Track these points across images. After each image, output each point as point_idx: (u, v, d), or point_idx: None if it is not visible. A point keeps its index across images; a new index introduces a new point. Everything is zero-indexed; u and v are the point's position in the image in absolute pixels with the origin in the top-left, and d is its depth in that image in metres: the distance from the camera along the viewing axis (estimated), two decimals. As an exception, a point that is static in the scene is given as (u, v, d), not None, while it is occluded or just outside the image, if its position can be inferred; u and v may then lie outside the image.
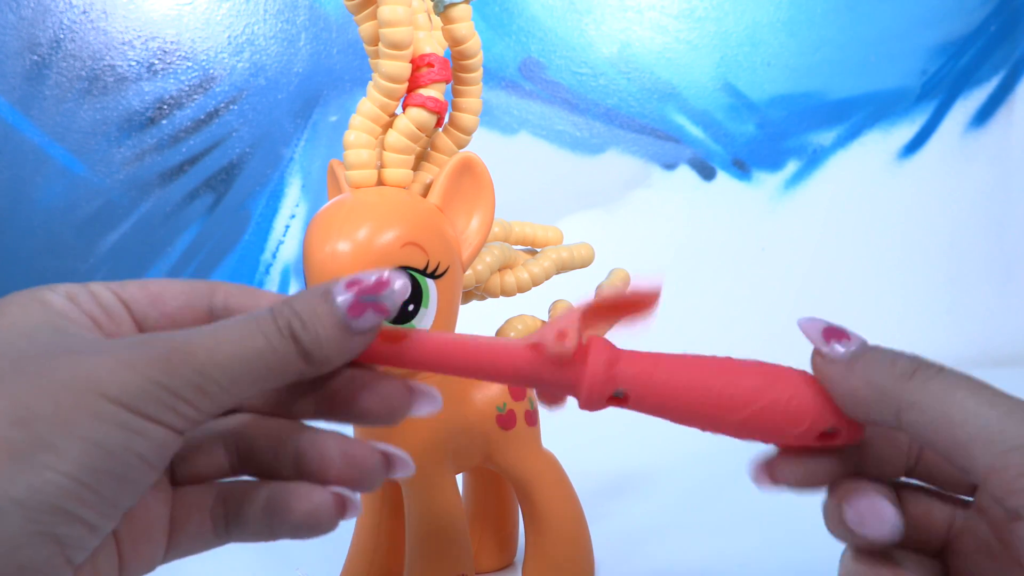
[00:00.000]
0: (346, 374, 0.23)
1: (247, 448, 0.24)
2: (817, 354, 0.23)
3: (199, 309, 0.24)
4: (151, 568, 0.22)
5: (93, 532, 0.19)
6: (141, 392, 0.19)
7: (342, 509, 0.23)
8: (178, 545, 0.23)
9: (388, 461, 0.23)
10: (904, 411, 0.22)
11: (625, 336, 0.25)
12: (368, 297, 0.21)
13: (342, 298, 0.21)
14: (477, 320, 0.51)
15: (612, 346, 0.24)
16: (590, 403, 0.24)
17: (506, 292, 0.43)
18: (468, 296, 0.42)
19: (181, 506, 0.23)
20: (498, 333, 0.44)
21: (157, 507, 0.23)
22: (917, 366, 0.22)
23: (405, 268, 0.34)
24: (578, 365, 0.23)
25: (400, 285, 0.22)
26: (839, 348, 0.23)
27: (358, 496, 0.23)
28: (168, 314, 0.23)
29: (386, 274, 0.22)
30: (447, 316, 0.36)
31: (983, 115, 1.12)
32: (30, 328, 0.20)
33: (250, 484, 0.24)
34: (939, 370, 0.22)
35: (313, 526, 0.22)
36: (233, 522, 0.23)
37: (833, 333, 0.23)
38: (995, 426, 0.20)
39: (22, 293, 0.22)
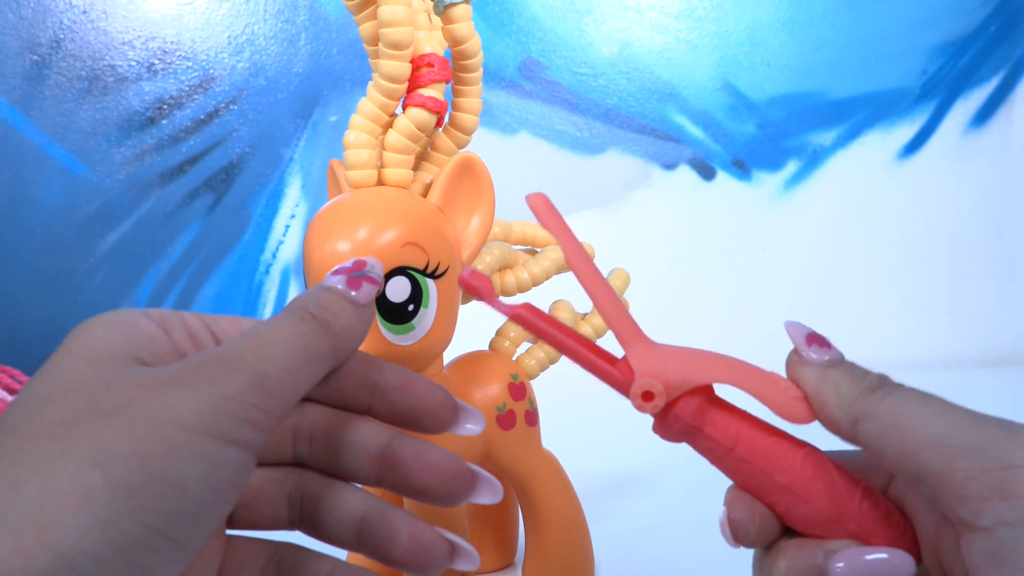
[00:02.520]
0: (396, 376, 0.24)
1: (311, 507, 0.23)
2: (796, 354, 0.24)
3: None
4: None
5: None
6: (211, 410, 0.19)
7: None
8: None
9: (453, 551, 0.23)
10: (860, 421, 0.22)
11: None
12: (355, 274, 0.24)
13: (339, 283, 0.24)
14: (477, 320, 0.51)
15: (700, 408, 0.24)
16: (661, 433, 0.25)
17: (506, 292, 0.43)
18: (468, 296, 0.42)
19: (233, 559, 0.23)
20: (498, 333, 0.44)
21: (210, 555, 0.22)
22: (882, 383, 0.23)
23: (405, 268, 0.34)
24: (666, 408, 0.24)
25: (372, 259, 0.25)
26: (817, 354, 0.24)
27: None
28: None
29: (357, 256, 0.25)
30: (447, 316, 0.36)
31: (983, 115, 1.12)
32: (104, 356, 0.20)
33: (311, 555, 0.23)
34: (898, 386, 0.23)
35: None
36: None
37: (815, 339, 0.24)
38: (944, 431, 0.21)
39: (115, 313, 0.21)
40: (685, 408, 0.24)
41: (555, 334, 0.25)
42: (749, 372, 0.24)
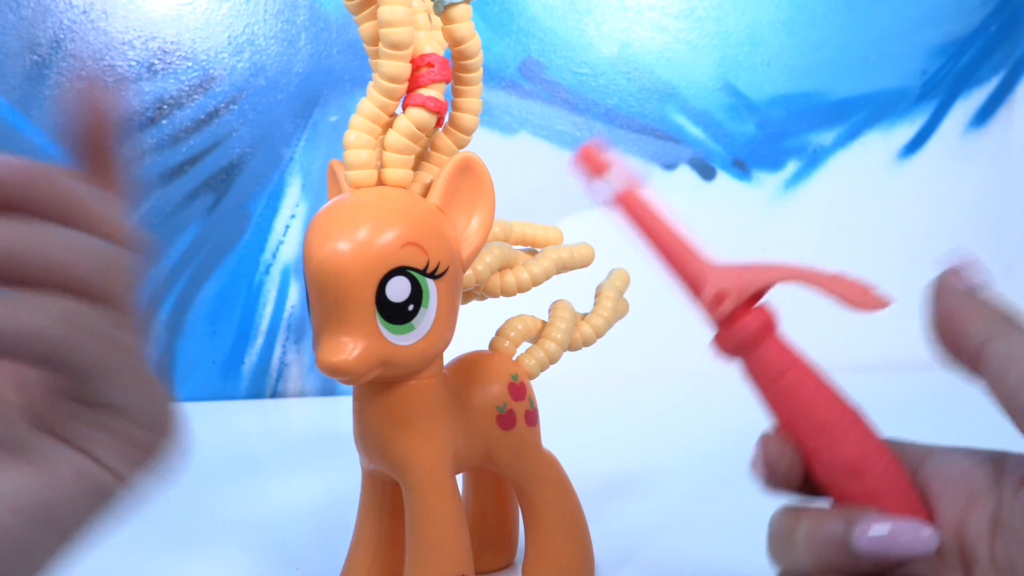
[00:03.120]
0: None
1: None
2: (950, 271, 0.25)
3: None
4: None
5: None
6: None
7: None
8: None
9: None
10: (994, 339, 0.23)
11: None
12: None
13: None
14: (477, 320, 0.51)
15: (766, 325, 0.26)
16: (721, 344, 0.27)
17: (506, 292, 0.43)
18: (468, 296, 0.42)
19: None
20: (498, 333, 0.44)
21: None
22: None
23: (405, 268, 0.34)
24: (734, 319, 0.26)
25: None
26: (972, 276, 0.25)
27: None
28: None
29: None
30: (447, 316, 0.36)
31: (983, 115, 1.12)
32: None
33: None
34: None
35: None
36: None
37: (974, 269, 0.26)
38: None
39: None
40: (751, 321, 0.26)
41: (650, 225, 0.27)
42: (815, 272, 0.26)
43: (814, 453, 0.25)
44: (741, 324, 0.26)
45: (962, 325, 0.24)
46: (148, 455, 0.22)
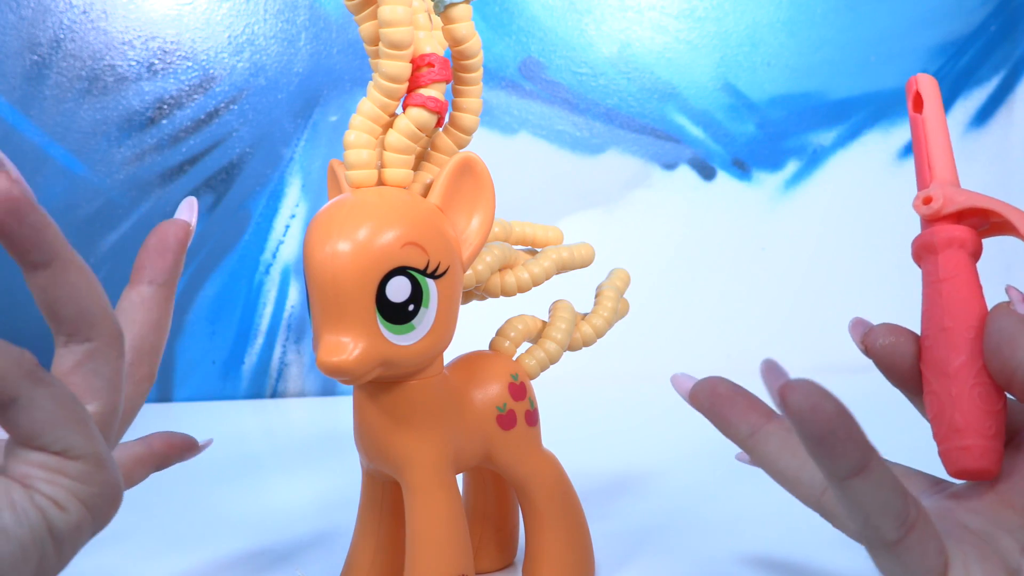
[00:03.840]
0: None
1: None
2: (1008, 304, 0.29)
3: None
4: None
5: None
6: None
7: None
8: None
9: None
10: None
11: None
12: None
13: None
14: (477, 320, 0.51)
15: (950, 240, 0.30)
16: (916, 241, 0.31)
17: (506, 292, 0.43)
18: (468, 296, 0.42)
19: None
20: (498, 333, 0.44)
21: None
22: None
23: (405, 268, 0.34)
24: (937, 222, 0.30)
25: None
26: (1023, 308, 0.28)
27: None
28: None
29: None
30: (447, 316, 0.36)
31: (983, 115, 1.12)
32: None
33: None
34: None
35: None
36: None
37: None
38: None
39: None
40: (938, 231, 0.30)
41: (923, 136, 0.31)
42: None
43: (927, 349, 0.29)
44: (930, 230, 0.30)
45: (1014, 352, 0.26)
46: (90, 488, 0.23)
